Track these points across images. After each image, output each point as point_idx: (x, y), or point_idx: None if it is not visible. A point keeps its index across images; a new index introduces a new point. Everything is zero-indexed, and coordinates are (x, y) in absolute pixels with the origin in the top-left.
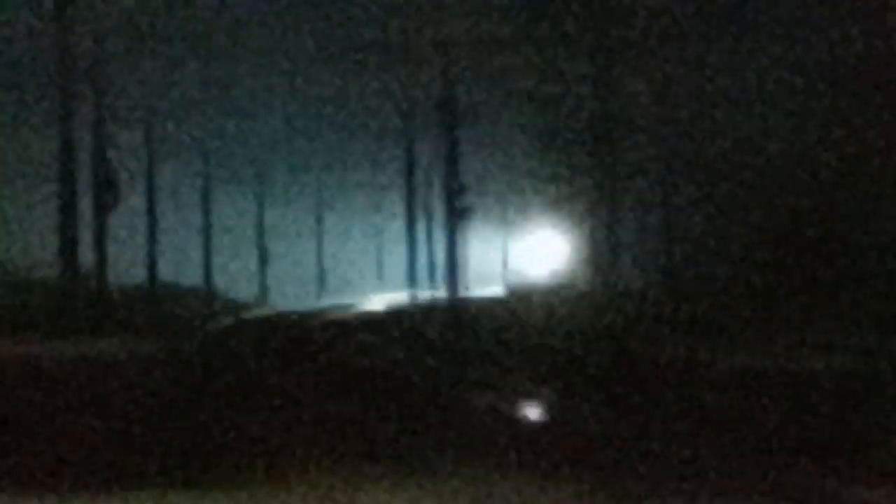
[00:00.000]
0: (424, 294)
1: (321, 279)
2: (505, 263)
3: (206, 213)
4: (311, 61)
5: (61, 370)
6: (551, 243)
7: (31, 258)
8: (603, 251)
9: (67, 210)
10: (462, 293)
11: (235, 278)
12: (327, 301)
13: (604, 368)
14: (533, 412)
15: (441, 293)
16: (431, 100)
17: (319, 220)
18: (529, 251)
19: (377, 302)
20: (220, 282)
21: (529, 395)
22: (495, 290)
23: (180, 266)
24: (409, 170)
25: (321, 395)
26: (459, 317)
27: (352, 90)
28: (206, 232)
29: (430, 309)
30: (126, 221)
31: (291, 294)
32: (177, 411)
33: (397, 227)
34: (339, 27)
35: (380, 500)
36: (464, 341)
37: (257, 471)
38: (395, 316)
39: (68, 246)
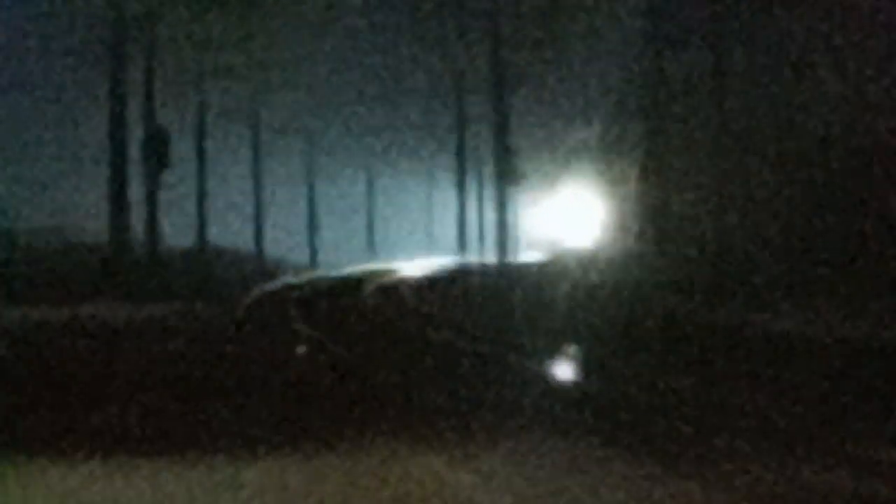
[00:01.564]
0: (473, 258)
1: (371, 242)
2: (549, 229)
3: (257, 175)
4: (361, 24)
5: (111, 333)
6: (595, 209)
7: (81, 222)
8: (649, 217)
9: (118, 173)
10: (508, 258)
11: (285, 241)
12: (372, 264)
13: (641, 331)
14: (572, 374)
15: (489, 257)
16: (483, 63)
17: (370, 183)
18: (575, 216)
19: (421, 266)
20: (270, 244)
21: (568, 358)
22: (538, 255)
23: (230, 229)
24: (461, 133)
25: (366, 358)
26: (504, 281)
27: (402, 53)
28: (257, 195)
29: (474, 273)
30: (176, 184)
31: (341, 257)
32: (227, 374)
33: (448, 190)
34: None
35: (422, 463)
36: (508, 306)
37: (307, 433)
38: (438, 280)
39: (119, 210)
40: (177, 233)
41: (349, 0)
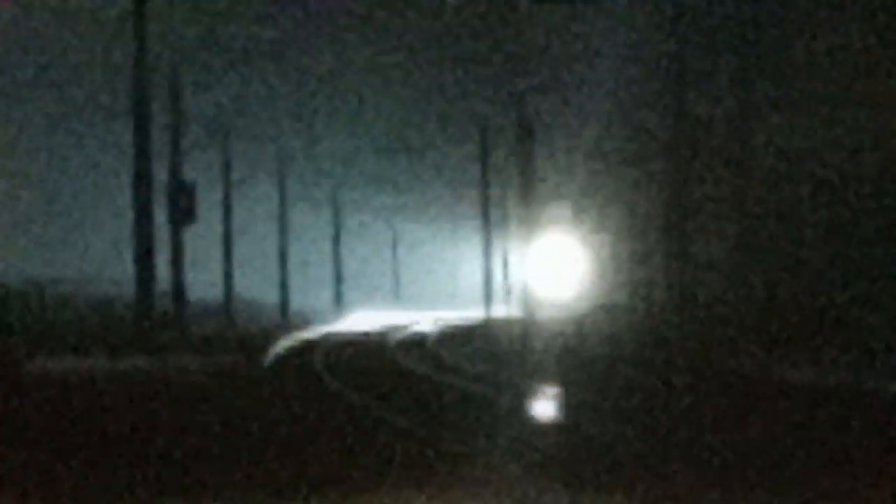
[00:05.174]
0: (496, 312)
1: (396, 293)
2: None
3: (283, 228)
4: (386, 77)
5: (135, 386)
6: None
7: (107, 275)
8: (673, 269)
9: (143, 227)
10: (530, 313)
11: (311, 293)
12: (396, 314)
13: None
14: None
15: (513, 310)
16: (507, 114)
17: (394, 235)
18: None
19: (444, 319)
20: (296, 296)
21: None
22: (560, 310)
23: (256, 281)
24: (485, 186)
25: (388, 412)
26: (522, 334)
27: (426, 106)
28: (282, 247)
29: (494, 326)
30: (202, 237)
31: (365, 308)
32: (252, 427)
33: (473, 242)
34: (416, 41)
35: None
36: (527, 358)
37: (334, 487)
38: (460, 333)
39: (144, 263)
40: (203, 286)
41: (375, 52)
